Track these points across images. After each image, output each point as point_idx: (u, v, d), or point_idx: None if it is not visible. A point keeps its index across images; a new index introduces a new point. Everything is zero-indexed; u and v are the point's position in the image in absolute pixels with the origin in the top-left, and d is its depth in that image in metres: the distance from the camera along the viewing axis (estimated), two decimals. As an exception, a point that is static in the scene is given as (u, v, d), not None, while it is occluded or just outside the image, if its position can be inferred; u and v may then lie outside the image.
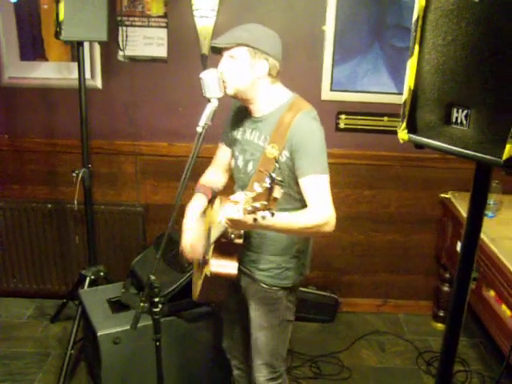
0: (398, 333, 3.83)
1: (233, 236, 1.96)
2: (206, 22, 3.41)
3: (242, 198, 1.68)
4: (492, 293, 2.91)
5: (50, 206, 3.76)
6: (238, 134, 2.31)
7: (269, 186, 1.59)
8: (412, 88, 1.19)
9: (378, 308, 4.08)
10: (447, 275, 3.76)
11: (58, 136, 3.69)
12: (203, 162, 2.43)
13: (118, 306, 2.98)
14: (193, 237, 2.28)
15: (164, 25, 3.47)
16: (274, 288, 2.29)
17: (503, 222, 3.24)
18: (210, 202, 2.33)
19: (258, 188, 1.61)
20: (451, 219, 3.60)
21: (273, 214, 1.60)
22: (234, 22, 3.42)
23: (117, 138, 3.68)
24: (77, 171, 3.17)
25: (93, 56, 3.52)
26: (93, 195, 3.43)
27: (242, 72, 2.09)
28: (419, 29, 1.14)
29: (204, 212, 2.34)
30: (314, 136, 2.08)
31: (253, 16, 3.45)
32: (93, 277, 3.32)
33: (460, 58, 1.08)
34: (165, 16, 3.45)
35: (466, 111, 1.09)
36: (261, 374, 2.42)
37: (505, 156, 1.03)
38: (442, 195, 3.69)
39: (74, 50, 3.47)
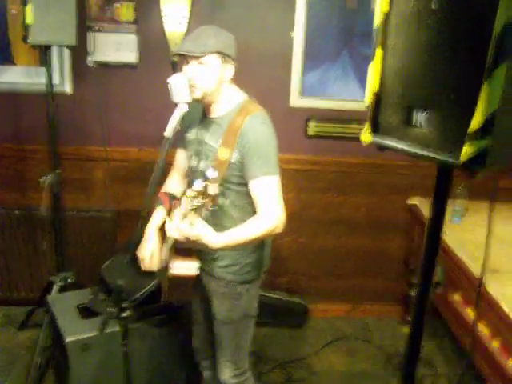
0: (367, 337, 3.86)
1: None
2: (175, 29, 3.41)
3: (185, 201, 1.76)
4: (457, 297, 2.95)
5: (17, 212, 3.71)
6: (191, 134, 2.34)
7: (203, 184, 1.69)
8: (375, 91, 1.21)
9: (347, 313, 4.11)
10: (415, 280, 3.80)
11: (27, 141, 3.65)
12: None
13: (86, 312, 2.94)
14: (150, 249, 2.30)
15: (134, 31, 3.46)
16: (234, 283, 2.33)
17: (468, 228, 3.29)
18: (171, 209, 2.34)
19: (198, 186, 1.69)
20: (418, 225, 3.65)
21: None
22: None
23: (87, 144, 3.66)
24: (44, 177, 3.14)
25: (62, 61, 3.50)
26: (63, 201, 3.41)
27: (211, 77, 2.12)
28: (381, 33, 1.17)
29: (162, 225, 2.36)
30: (261, 139, 2.12)
31: (222, 23, 3.43)
32: (61, 283, 3.28)
33: (419, 61, 1.11)
34: (135, 22, 3.45)
35: (425, 113, 1.12)
36: (225, 372, 2.45)
37: (462, 157, 1.06)
38: (410, 202, 3.74)
39: (43, 55, 3.45)
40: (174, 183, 2.51)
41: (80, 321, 2.86)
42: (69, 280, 3.33)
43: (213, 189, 1.72)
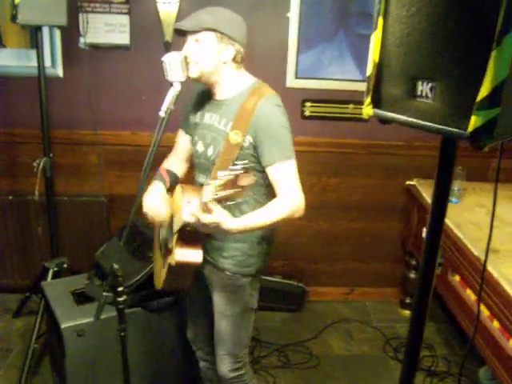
0: (366, 320, 3.85)
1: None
2: (168, 9, 3.35)
3: (209, 190, 1.67)
4: (457, 278, 2.93)
5: (10, 197, 3.67)
6: (196, 118, 2.27)
7: (237, 173, 1.59)
8: (376, 62, 1.17)
9: (346, 296, 4.09)
10: (413, 262, 3.79)
11: (18, 126, 3.60)
12: (166, 151, 2.39)
13: (82, 297, 2.91)
14: (155, 198, 2.19)
15: (126, 11, 3.40)
16: (238, 275, 2.27)
17: (467, 208, 3.27)
18: (170, 190, 2.28)
19: (224, 176, 1.59)
20: (417, 206, 3.62)
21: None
22: (197, 9, 3.41)
23: (79, 128, 3.60)
24: (37, 161, 3.09)
25: (53, 43, 3.43)
26: (55, 186, 3.36)
27: (208, 56, 2.05)
28: (383, 1, 1.12)
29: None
30: (276, 122, 2.05)
31: (216, 3, 3.39)
32: (56, 269, 3.25)
33: (424, 29, 1.07)
34: (127, 2, 3.39)
35: (430, 84, 1.07)
36: (224, 364, 2.40)
37: (470, 128, 1.01)
38: (408, 182, 3.72)
39: (33, 36, 3.38)
40: (172, 164, 2.41)
41: (75, 306, 2.83)
42: (64, 265, 3.29)
43: (246, 180, 1.62)
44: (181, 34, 2.10)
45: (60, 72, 3.50)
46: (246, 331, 2.40)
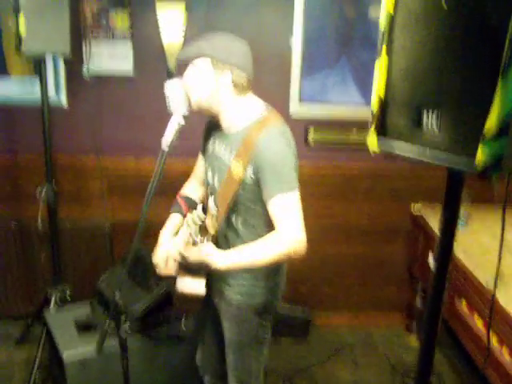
0: (371, 346, 3.80)
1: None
2: (172, 39, 3.36)
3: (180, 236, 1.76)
4: (464, 303, 2.90)
5: (13, 224, 3.65)
6: (209, 144, 2.23)
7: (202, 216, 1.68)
8: (381, 92, 1.16)
9: (351, 322, 4.04)
10: (419, 286, 3.75)
11: (21, 152, 3.60)
12: (173, 178, 2.38)
13: (84, 326, 2.88)
14: (165, 253, 2.14)
15: (129, 40, 3.42)
16: (244, 307, 2.20)
17: (473, 231, 3.24)
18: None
19: (197, 216, 1.69)
20: (422, 231, 3.59)
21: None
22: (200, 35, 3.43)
23: (82, 154, 3.60)
24: (40, 188, 3.08)
25: (57, 71, 3.45)
26: (58, 213, 3.34)
27: (203, 81, 1.99)
28: (387, 30, 1.11)
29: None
30: (276, 155, 1.96)
31: (219, 29, 3.40)
32: (58, 296, 3.22)
33: (429, 61, 1.06)
34: (130, 30, 3.40)
35: (435, 113, 1.06)
36: None
37: (477, 159, 1.00)
38: (413, 206, 3.69)
39: (37, 66, 3.40)
40: (191, 188, 2.39)
41: (78, 336, 2.81)
42: (66, 293, 3.26)
43: (211, 225, 1.62)
44: (183, 62, 2.09)
45: (64, 100, 3.52)
46: (256, 362, 2.32)
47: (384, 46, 1.12)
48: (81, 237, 3.68)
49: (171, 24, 3.35)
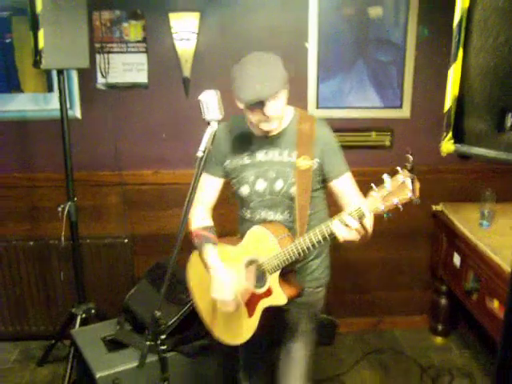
0: (398, 350, 3.76)
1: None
2: (186, 45, 3.33)
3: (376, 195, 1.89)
4: (496, 303, 2.87)
5: (31, 243, 3.60)
6: (243, 159, 2.23)
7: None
8: (456, 95, 1.12)
9: (375, 326, 4.00)
10: (444, 288, 3.72)
11: (37, 170, 3.55)
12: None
13: (113, 344, 2.84)
14: (233, 292, 2.19)
15: (143, 50, 3.38)
16: (319, 288, 2.39)
17: (499, 231, 3.21)
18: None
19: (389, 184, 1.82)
20: (445, 231, 3.56)
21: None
22: (215, 44, 3.40)
23: (99, 169, 3.56)
24: (62, 206, 3.03)
25: (71, 85, 3.40)
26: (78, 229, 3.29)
27: (284, 105, 2.12)
28: (463, 31, 1.07)
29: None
30: (334, 139, 2.22)
31: (234, 36, 3.39)
32: (84, 315, 3.17)
33: (513, 60, 1.02)
34: (144, 41, 3.37)
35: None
36: None
37: None
38: (434, 208, 3.66)
39: (50, 80, 3.36)
40: (200, 217, 2.34)
41: (108, 354, 2.77)
42: (92, 311, 3.21)
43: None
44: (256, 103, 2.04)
45: (78, 113, 3.47)
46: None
47: (460, 49, 1.08)
48: (101, 252, 3.63)
49: (184, 29, 3.31)
